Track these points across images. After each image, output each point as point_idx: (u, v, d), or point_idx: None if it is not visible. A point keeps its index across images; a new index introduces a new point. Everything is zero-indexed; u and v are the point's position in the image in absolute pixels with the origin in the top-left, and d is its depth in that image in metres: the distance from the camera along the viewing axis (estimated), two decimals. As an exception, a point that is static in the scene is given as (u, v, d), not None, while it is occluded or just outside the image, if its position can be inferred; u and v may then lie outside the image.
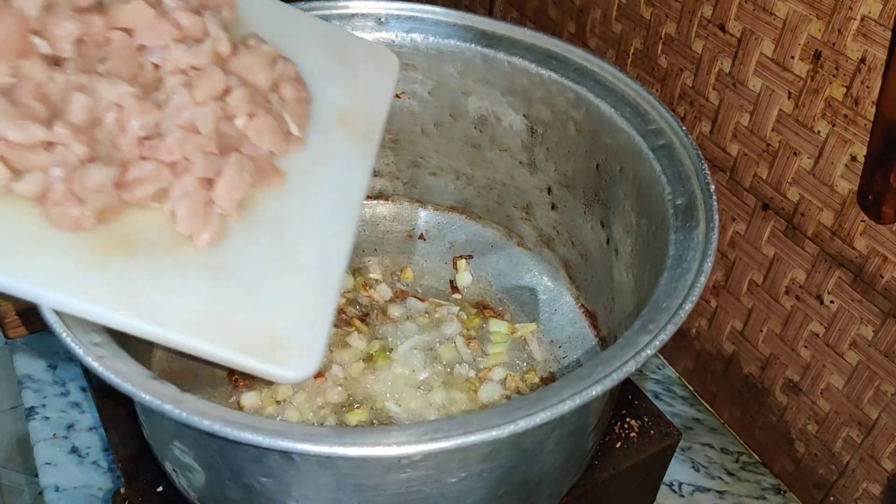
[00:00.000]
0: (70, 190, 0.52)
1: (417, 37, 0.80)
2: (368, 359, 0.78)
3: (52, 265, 0.51)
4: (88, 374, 0.81)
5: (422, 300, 0.86)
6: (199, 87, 0.58)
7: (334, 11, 0.81)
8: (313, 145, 0.66)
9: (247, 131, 0.61)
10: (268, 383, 0.75)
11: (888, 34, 0.62)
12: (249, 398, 0.74)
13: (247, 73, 0.62)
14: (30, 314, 0.94)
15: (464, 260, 0.91)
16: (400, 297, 0.86)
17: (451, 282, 0.90)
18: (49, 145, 0.53)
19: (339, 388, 0.75)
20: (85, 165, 0.53)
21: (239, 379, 0.76)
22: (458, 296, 0.88)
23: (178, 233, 0.56)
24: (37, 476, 0.83)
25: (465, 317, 0.84)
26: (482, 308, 0.86)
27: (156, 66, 0.59)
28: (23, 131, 0.52)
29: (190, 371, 0.76)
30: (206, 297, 0.55)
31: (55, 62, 0.55)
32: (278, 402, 0.74)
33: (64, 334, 0.51)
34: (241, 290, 0.56)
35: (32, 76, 0.54)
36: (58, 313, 0.52)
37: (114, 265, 0.53)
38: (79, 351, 0.50)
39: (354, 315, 0.83)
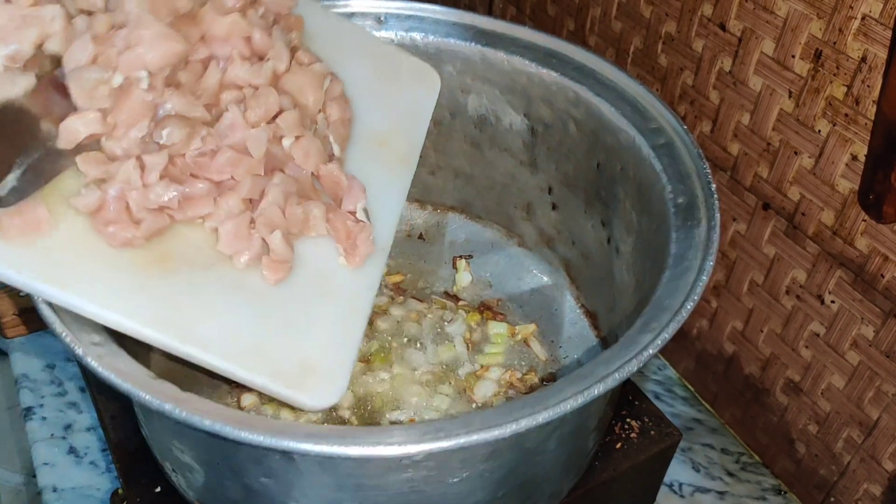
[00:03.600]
0: (125, 209, 0.53)
1: (417, 35, 0.80)
2: (367, 360, 0.78)
3: (100, 281, 0.52)
4: (86, 373, 0.81)
5: (421, 300, 0.85)
6: (254, 109, 0.58)
7: (334, 10, 0.81)
8: (352, 167, 0.66)
9: (292, 152, 0.61)
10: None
11: (889, 33, 0.62)
12: (249, 398, 0.74)
13: (298, 92, 0.62)
14: (28, 314, 0.93)
15: (463, 260, 0.90)
16: (398, 293, 0.86)
17: (446, 291, 0.89)
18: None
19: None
20: (147, 186, 0.53)
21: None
22: (463, 301, 0.87)
23: (216, 251, 0.57)
24: (34, 476, 0.83)
25: (466, 317, 0.84)
26: (484, 309, 0.86)
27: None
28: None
29: (189, 371, 0.76)
30: (243, 319, 0.55)
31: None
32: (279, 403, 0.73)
33: (63, 334, 0.51)
34: (276, 313, 0.57)
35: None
36: (56, 312, 0.52)
37: (156, 282, 0.53)
38: (78, 351, 0.50)
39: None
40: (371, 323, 0.82)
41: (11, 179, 0.48)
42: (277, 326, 0.56)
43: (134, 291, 0.52)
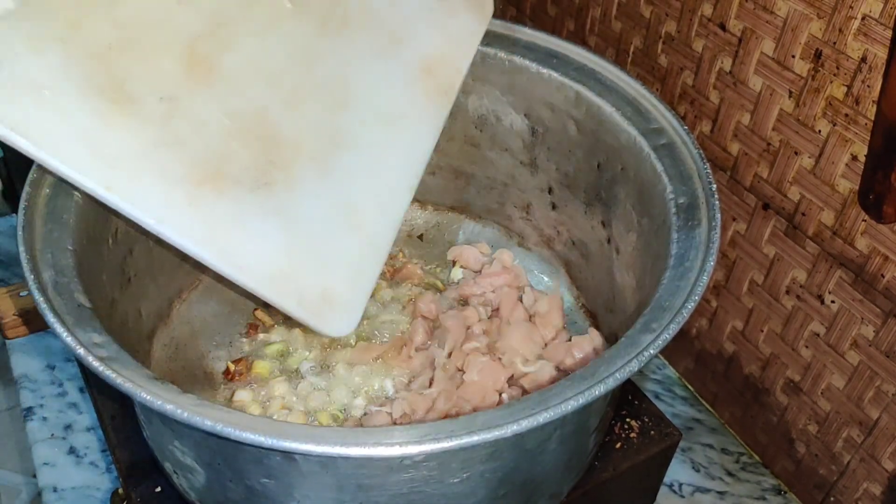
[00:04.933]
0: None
1: (417, 36, 0.80)
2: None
3: (154, 193, 0.52)
4: (87, 374, 0.81)
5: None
6: None
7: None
8: (396, 96, 0.66)
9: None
10: (264, 382, 0.75)
11: (889, 33, 0.62)
12: (242, 394, 0.73)
13: None
14: (29, 314, 0.93)
15: (463, 260, 0.90)
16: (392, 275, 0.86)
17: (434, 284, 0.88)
18: None
19: (343, 388, 0.75)
20: None
21: (235, 375, 0.75)
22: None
23: (259, 172, 0.57)
24: (35, 476, 0.83)
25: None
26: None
27: None
28: None
29: (188, 371, 0.76)
30: (279, 246, 0.57)
31: None
32: (281, 401, 0.73)
33: (64, 334, 0.51)
34: (308, 243, 0.59)
35: None
36: (58, 314, 0.52)
37: (205, 201, 0.54)
38: (79, 351, 0.50)
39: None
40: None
41: None
42: (308, 257, 0.58)
43: (186, 207, 0.53)
